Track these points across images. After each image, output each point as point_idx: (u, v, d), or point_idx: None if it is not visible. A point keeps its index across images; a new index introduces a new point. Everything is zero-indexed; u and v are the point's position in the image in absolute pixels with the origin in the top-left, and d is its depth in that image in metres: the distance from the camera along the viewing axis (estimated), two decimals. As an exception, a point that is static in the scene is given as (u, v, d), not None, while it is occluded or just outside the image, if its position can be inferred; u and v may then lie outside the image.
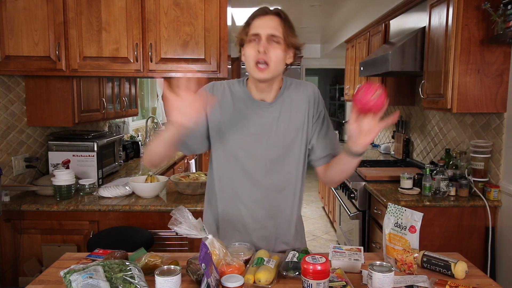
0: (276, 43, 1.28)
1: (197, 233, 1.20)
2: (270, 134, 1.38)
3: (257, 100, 1.39)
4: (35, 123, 2.59)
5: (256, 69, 1.29)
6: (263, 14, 1.30)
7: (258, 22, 1.30)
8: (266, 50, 1.27)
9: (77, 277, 1.06)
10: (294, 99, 1.41)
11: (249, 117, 1.38)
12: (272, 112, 1.39)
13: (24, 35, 2.27)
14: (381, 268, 1.15)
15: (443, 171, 2.46)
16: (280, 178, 1.42)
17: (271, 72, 1.30)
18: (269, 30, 1.28)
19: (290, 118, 1.40)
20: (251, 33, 1.29)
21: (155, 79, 5.33)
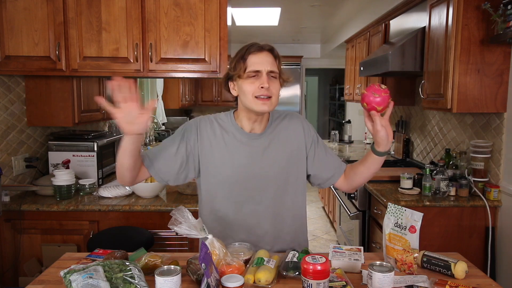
0: (274, 78, 1.35)
1: (197, 233, 1.20)
2: (262, 164, 1.41)
3: (247, 132, 1.42)
4: (35, 123, 2.59)
5: (259, 101, 1.32)
6: (259, 51, 1.34)
7: (256, 58, 1.33)
8: (269, 84, 1.32)
9: (77, 277, 1.06)
10: (283, 128, 1.46)
11: (240, 149, 1.41)
12: (263, 142, 1.42)
13: (24, 35, 2.27)
14: (381, 268, 1.15)
15: (443, 171, 2.46)
16: (275, 205, 1.44)
17: (273, 104, 1.35)
18: (268, 67, 1.33)
19: (281, 147, 1.43)
20: (250, 69, 1.32)
21: (155, 79, 5.33)
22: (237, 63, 1.35)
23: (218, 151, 1.41)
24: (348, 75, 5.08)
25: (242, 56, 1.34)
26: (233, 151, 1.40)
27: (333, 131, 5.56)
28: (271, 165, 1.41)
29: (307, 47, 7.34)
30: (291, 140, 1.46)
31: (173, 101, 5.67)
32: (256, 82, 1.32)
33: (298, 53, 7.24)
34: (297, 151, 1.46)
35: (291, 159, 1.44)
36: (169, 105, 5.66)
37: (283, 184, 1.44)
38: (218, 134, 1.42)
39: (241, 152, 1.41)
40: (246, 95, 1.33)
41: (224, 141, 1.41)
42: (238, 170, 1.40)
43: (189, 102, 6.11)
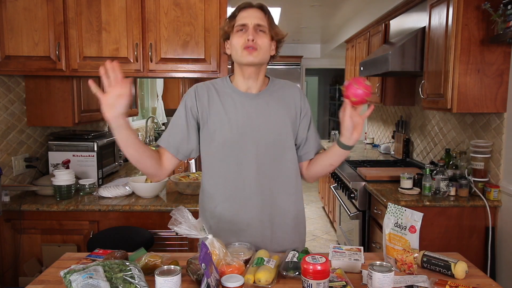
0: (262, 32, 1.37)
1: (197, 233, 1.20)
2: (259, 124, 1.42)
3: (243, 92, 1.44)
4: (35, 123, 2.59)
5: (246, 51, 1.35)
6: (248, 7, 1.39)
7: (244, 13, 1.38)
8: (254, 37, 1.35)
9: (77, 277, 1.06)
10: (281, 94, 1.48)
11: (237, 109, 1.42)
12: (260, 103, 1.44)
13: (24, 35, 2.27)
14: (381, 268, 1.15)
15: (443, 171, 2.46)
16: (274, 170, 1.44)
17: (259, 56, 1.37)
18: (255, 20, 1.37)
19: (280, 111, 1.45)
20: (238, 23, 1.37)
21: (155, 79, 5.33)
22: (229, 19, 1.40)
23: (216, 114, 1.42)
24: (348, 75, 5.08)
25: (233, 13, 1.40)
26: (230, 112, 1.42)
27: (333, 131, 5.56)
28: (270, 127, 1.43)
29: (307, 47, 7.34)
30: (288, 105, 1.48)
31: (173, 101, 5.67)
32: (243, 36, 1.36)
33: (298, 53, 7.24)
34: (293, 117, 1.48)
35: (287, 123, 1.46)
36: (169, 105, 5.66)
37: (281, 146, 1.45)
38: (215, 97, 1.44)
39: (238, 112, 1.42)
40: (235, 47, 1.38)
41: (222, 103, 1.43)
42: (236, 131, 1.41)
43: (189, 102, 6.10)
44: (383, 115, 4.65)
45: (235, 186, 1.43)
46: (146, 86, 5.50)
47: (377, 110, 4.92)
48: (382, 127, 4.74)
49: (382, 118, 4.70)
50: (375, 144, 4.92)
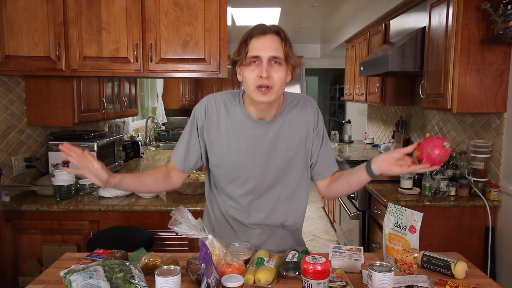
0: (278, 64, 1.24)
1: (197, 233, 1.20)
2: (269, 153, 1.36)
3: (256, 120, 1.35)
4: (35, 123, 2.59)
5: (259, 92, 1.24)
6: (261, 34, 1.24)
7: (257, 43, 1.23)
8: (268, 73, 1.22)
9: (77, 277, 1.06)
10: (294, 116, 1.39)
11: (248, 137, 1.36)
12: (272, 131, 1.36)
13: (24, 35, 2.27)
14: (381, 268, 1.15)
15: (443, 171, 2.46)
16: (280, 194, 1.42)
17: (274, 94, 1.25)
18: (270, 52, 1.22)
19: (290, 136, 1.37)
20: (250, 55, 1.23)
21: (155, 79, 5.33)
22: (241, 46, 1.26)
23: (224, 138, 1.36)
24: (348, 75, 5.08)
25: (245, 40, 1.25)
26: (239, 138, 1.35)
27: (333, 131, 5.56)
28: (278, 155, 1.37)
29: (307, 47, 7.34)
30: (300, 127, 1.39)
31: (173, 101, 5.67)
32: (256, 70, 1.23)
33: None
34: (304, 137, 1.39)
35: (298, 146, 1.39)
36: (169, 105, 5.66)
37: (289, 170, 1.40)
38: (224, 120, 1.36)
39: (248, 140, 1.35)
40: (247, 83, 1.26)
41: (231, 127, 1.36)
42: (244, 157, 1.36)
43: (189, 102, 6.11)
44: (383, 115, 4.65)
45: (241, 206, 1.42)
46: (146, 86, 5.50)
47: (377, 110, 4.92)
48: (382, 127, 4.74)
49: (382, 118, 4.70)
50: (375, 144, 4.92)
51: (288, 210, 1.44)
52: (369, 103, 4.31)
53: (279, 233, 1.45)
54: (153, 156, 4.18)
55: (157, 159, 3.96)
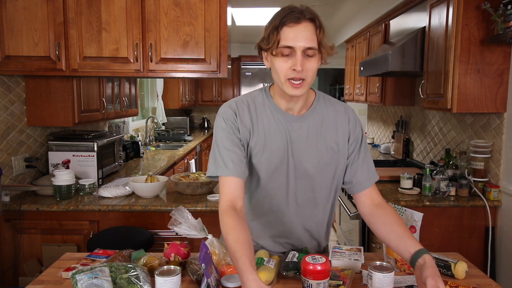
0: (312, 55, 1.17)
1: (197, 233, 1.21)
2: (299, 150, 1.28)
3: (283, 111, 1.28)
4: (35, 123, 2.59)
5: (290, 85, 1.17)
6: (295, 22, 1.13)
7: (291, 32, 1.13)
8: (302, 66, 1.14)
9: (83, 277, 1.08)
10: (327, 117, 1.30)
11: (277, 130, 1.28)
12: (301, 127, 1.28)
13: (24, 35, 2.27)
14: (381, 268, 1.15)
15: (443, 171, 2.46)
16: (311, 197, 1.34)
17: (306, 87, 1.19)
18: (305, 42, 1.14)
19: (321, 138, 1.29)
20: (283, 44, 1.14)
21: (155, 79, 5.33)
22: (271, 33, 1.15)
23: (257, 137, 1.28)
24: (348, 75, 5.08)
25: (276, 26, 1.14)
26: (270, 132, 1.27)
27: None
28: (310, 154, 1.28)
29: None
30: (332, 130, 1.30)
31: (173, 101, 5.67)
32: (289, 61, 1.15)
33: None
34: (337, 143, 1.30)
35: (328, 150, 1.29)
36: (169, 105, 5.66)
37: (318, 175, 1.30)
38: (254, 117, 1.28)
39: (279, 136, 1.27)
40: (278, 74, 1.17)
41: (263, 124, 1.28)
42: (276, 157, 1.28)
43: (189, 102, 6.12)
44: (383, 115, 4.65)
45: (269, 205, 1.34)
46: (146, 86, 5.50)
47: (377, 110, 4.92)
48: (382, 127, 4.74)
49: (382, 118, 4.70)
50: (375, 144, 4.92)
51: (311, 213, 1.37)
52: (369, 103, 4.31)
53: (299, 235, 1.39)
54: (153, 156, 4.18)
55: (157, 159, 3.96)
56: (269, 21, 1.19)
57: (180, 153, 4.33)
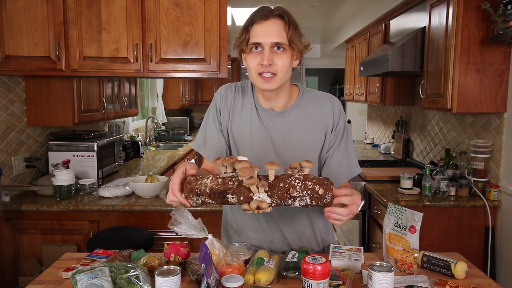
0: (282, 50, 1.18)
1: (197, 233, 1.20)
2: (279, 147, 1.30)
3: (265, 108, 1.30)
4: (35, 123, 2.59)
5: (261, 79, 1.19)
6: (263, 19, 1.17)
7: (259, 29, 1.17)
8: (271, 61, 1.16)
9: (83, 277, 1.08)
10: (309, 109, 1.31)
11: (255, 126, 1.30)
12: (284, 122, 1.30)
13: (24, 35, 2.27)
14: (381, 268, 1.15)
15: (443, 171, 2.46)
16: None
17: (277, 82, 1.20)
18: (272, 38, 1.16)
19: (304, 132, 1.30)
20: (251, 41, 1.17)
21: (155, 79, 5.33)
22: (241, 33, 1.20)
23: (238, 127, 1.32)
24: (348, 75, 5.08)
25: (246, 26, 1.19)
26: (247, 126, 1.31)
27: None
28: (289, 147, 1.29)
29: (307, 47, 7.32)
30: (315, 122, 1.30)
31: (173, 101, 5.67)
32: (258, 57, 1.18)
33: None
34: (320, 135, 1.31)
35: (312, 143, 1.31)
36: (169, 105, 5.66)
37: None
38: (238, 106, 1.32)
39: (259, 131, 1.30)
40: (250, 70, 1.21)
41: (242, 114, 1.32)
42: (256, 149, 1.30)
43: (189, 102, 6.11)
44: (383, 115, 4.65)
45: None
46: (146, 86, 5.50)
47: (377, 110, 4.92)
48: (382, 127, 4.74)
49: (382, 118, 4.70)
50: (375, 144, 4.92)
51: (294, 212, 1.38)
52: (369, 103, 4.31)
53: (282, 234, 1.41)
54: (153, 156, 4.18)
55: (157, 159, 3.96)
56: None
57: (180, 153, 4.33)
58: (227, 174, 1.08)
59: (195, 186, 1.08)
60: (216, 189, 1.06)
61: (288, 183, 1.04)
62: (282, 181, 1.05)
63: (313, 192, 1.04)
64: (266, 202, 1.04)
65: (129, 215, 2.25)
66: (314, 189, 1.04)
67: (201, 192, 1.07)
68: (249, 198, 1.04)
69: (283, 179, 1.05)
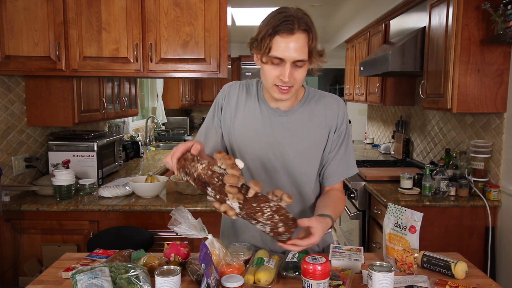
0: (301, 66, 1.18)
1: (197, 233, 1.20)
2: (284, 143, 1.31)
3: (271, 106, 1.32)
4: (35, 123, 2.59)
5: (277, 90, 1.20)
6: (289, 33, 1.12)
7: (283, 43, 1.13)
8: (290, 77, 1.17)
9: (83, 277, 1.08)
10: (314, 109, 1.32)
11: (259, 123, 1.32)
12: (289, 121, 1.31)
13: (24, 35, 2.27)
14: (381, 268, 1.15)
15: (443, 171, 2.46)
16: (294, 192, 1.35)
17: (293, 92, 1.23)
18: (295, 55, 1.14)
19: (308, 131, 1.31)
20: (273, 54, 1.14)
21: (155, 79, 5.33)
22: (263, 39, 1.15)
23: (241, 124, 1.33)
24: (348, 75, 5.08)
25: (269, 34, 1.13)
26: (252, 123, 1.32)
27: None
28: (292, 146, 1.30)
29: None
30: (319, 122, 1.32)
31: (173, 101, 5.67)
32: (277, 70, 1.17)
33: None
34: (323, 135, 1.32)
35: (315, 142, 1.32)
36: (169, 105, 5.66)
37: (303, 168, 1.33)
38: (242, 102, 1.34)
39: (264, 128, 1.31)
40: (266, 79, 1.21)
41: (248, 112, 1.33)
42: (258, 146, 1.32)
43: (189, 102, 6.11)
44: (383, 115, 4.65)
45: None
46: (146, 86, 5.50)
47: (377, 110, 4.92)
48: (382, 127, 4.74)
49: (382, 118, 4.70)
50: (375, 144, 4.92)
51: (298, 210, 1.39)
52: (369, 103, 4.31)
53: None
54: (153, 156, 4.18)
55: (157, 159, 3.96)
56: (264, 22, 1.18)
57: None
58: (218, 170, 1.10)
59: (187, 165, 1.12)
60: (202, 178, 1.09)
61: (260, 207, 1.08)
62: (256, 202, 1.08)
63: (275, 226, 1.08)
64: (234, 211, 1.08)
65: (129, 215, 2.25)
66: (277, 225, 1.07)
67: (189, 173, 1.11)
68: (223, 200, 1.08)
69: (259, 201, 1.08)
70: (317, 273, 1.07)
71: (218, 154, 1.11)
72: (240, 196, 1.06)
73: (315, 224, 1.11)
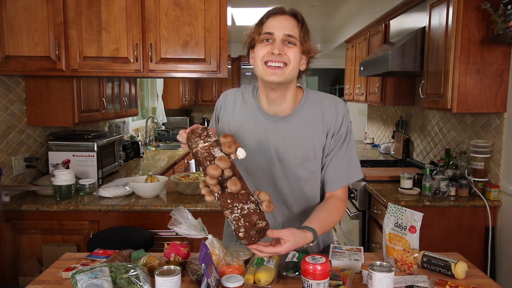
0: (292, 44, 1.19)
1: (197, 233, 1.20)
2: (280, 151, 1.29)
3: (267, 113, 1.30)
4: (35, 123, 2.59)
5: (268, 69, 1.18)
6: (279, 13, 1.21)
7: (273, 21, 1.20)
8: (281, 51, 1.17)
9: (83, 277, 1.08)
10: (313, 116, 1.29)
11: (259, 131, 1.30)
12: (286, 126, 1.29)
13: (24, 35, 2.27)
14: (381, 268, 1.15)
15: (443, 171, 2.46)
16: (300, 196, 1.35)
17: (285, 74, 1.19)
18: (285, 30, 1.18)
19: (306, 136, 1.29)
20: (264, 31, 1.19)
21: (155, 79, 5.33)
22: (256, 26, 1.22)
23: (235, 129, 1.32)
24: (348, 75, 5.08)
25: (261, 19, 1.22)
26: (252, 132, 1.30)
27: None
28: (290, 151, 1.28)
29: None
30: (317, 125, 1.29)
31: (173, 101, 5.67)
32: (268, 46, 1.18)
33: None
34: (321, 139, 1.29)
35: (313, 147, 1.29)
36: (169, 105, 5.66)
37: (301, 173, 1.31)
38: (238, 110, 1.33)
39: (260, 135, 1.29)
40: (257, 60, 1.21)
41: (243, 118, 1.32)
42: (255, 152, 1.30)
43: (189, 102, 6.11)
44: (383, 115, 4.65)
45: None
46: (146, 86, 5.50)
47: (377, 110, 4.92)
48: (382, 127, 4.74)
49: (382, 118, 4.70)
50: (375, 144, 4.92)
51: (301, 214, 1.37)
52: (369, 103, 4.31)
53: None
54: (153, 156, 4.18)
55: (157, 159, 3.96)
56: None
57: (180, 153, 4.33)
58: (217, 153, 1.08)
59: (192, 138, 1.11)
60: (197, 156, 1.10)
61: (232, 205, 1.06)
62: (231, 199, 1.06)
63: (237, 229, 1.07)
64: (212, 198, 1.10)
65: (129, 215, 2.25)
66: (239, 229, 1.07)
67: (191, 147, 1.12)
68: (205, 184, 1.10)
69: (234, 199, 1.06)
70: (317, 273, 1.07)
71: (223, 138, 1.08)
72: (216, 189, 1.06)
73: (287, 235, 1.08)
